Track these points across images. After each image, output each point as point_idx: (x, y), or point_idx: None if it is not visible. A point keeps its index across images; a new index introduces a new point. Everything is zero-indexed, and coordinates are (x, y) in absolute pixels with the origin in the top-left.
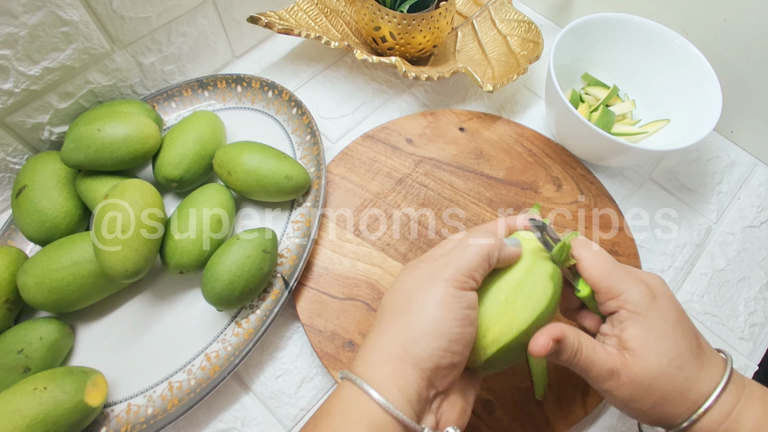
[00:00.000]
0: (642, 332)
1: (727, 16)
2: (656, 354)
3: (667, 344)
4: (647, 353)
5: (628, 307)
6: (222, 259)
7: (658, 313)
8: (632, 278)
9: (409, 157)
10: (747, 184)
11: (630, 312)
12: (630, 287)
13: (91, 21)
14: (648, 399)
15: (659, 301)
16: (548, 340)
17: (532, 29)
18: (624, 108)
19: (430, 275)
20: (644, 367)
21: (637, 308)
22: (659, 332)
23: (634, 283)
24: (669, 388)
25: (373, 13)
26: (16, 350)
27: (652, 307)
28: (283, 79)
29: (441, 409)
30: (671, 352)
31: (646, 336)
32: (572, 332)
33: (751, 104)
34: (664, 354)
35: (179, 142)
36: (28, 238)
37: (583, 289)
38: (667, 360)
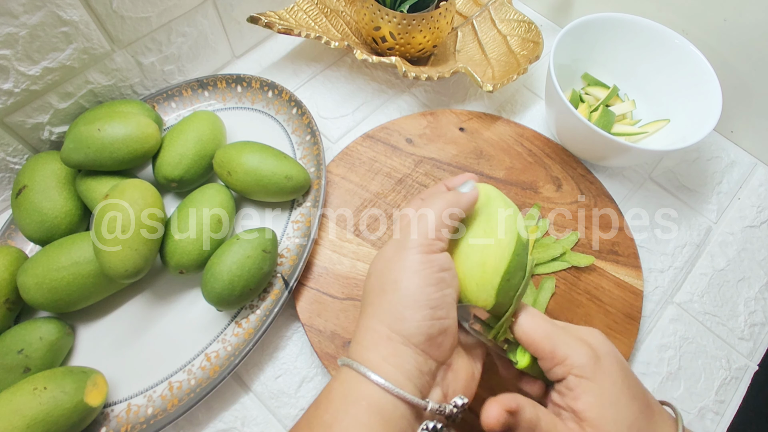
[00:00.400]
0: (595, 399)
1: (727, 16)
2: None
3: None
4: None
5: (576, 372)
6: (222, 259)
7: (606, 376)
8: (574, 340)
9: (409, 157)
10: (747, 184)
11: (578, 377)
12: (574, 350)
13: (91, 21)
14: None
15: (604, 361)
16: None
17: (532, 29)
18: (624, 108)
19: (397, 249)
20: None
21: (585, 372)
22: (611, 397)
23: (578, 345)
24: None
25: (373, 13)
26: (16, 350)
27: (598, 371)
28: (283, 79)
29: (446, 380)
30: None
31: (601, 403)
32: (529, 406)
33: (751, 104)
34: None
35: (179, 142)
36: (28, 238)
37: (521, 359)
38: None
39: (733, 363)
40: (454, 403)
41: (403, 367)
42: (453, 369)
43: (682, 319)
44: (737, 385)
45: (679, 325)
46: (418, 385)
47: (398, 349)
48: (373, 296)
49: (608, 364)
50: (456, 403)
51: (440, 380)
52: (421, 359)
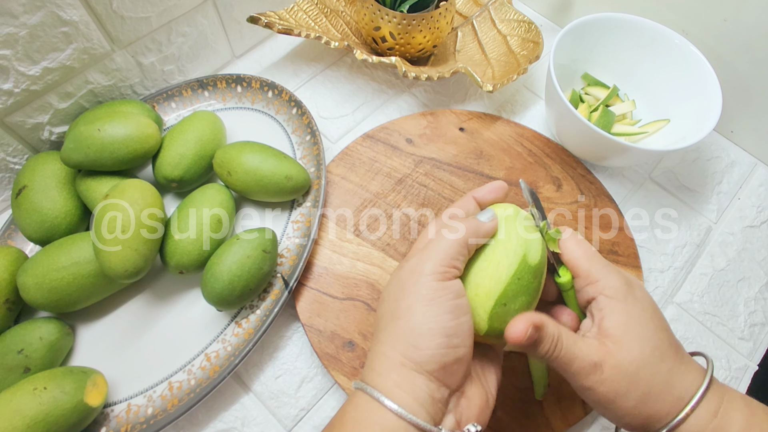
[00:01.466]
0: (622, 318)
1: (727, 16)
2: (639, 341)
3: (648, 332)
4: (630, 340)
5: (607, 293)
6: (222, 259)
7: (636, 301)
8: (611, 267)
9: (409, 157)
10: (747, 184)
11: (608, 298)
12: (608, 274)
13: (91, 21)
14: (633, 393)
15: (636, 291)
16: (527, 325)
17: (532, 29)
18: (624, 108)
19: (411, 273)
20: (628, 353)
21: (616, 294)
22: (639, 319)
23: (613, 271)
24: (654, 380)
25: (373, 13)
26: (16, 350)
27: (630, 295)
28: (283, 79)
29: (460, 407)
30: (653, 340)
31: (627, 322)
32: (552, 323)
33: (751, 104)
34: (646, 341)
35: (179, 142)
36: (28, 238)
37: (564, 275)
38: (650, 348)
39: (733, 363)
40: (467, 430)
41: (415, 393)
42: (466, 396)
43: (682, 319)
44: (737, 385)
45: (679, 325)
46: (431, 412)
47: (411, 375)
48: (385, 321)
49: (640, 294)
50: (469, 430)
51: (453, 407)
52: (433, 386)
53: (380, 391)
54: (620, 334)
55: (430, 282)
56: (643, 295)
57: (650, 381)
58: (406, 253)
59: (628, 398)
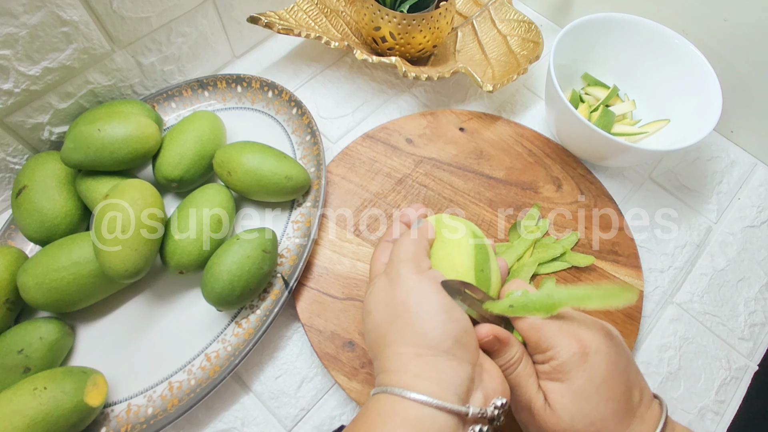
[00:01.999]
0: (562, 390)
1: (727, 16)
2: (571, 415)
3: (587, 406)
4: (562, 412)
5: (553, 365)
6: (222, 259)
7: (584, 373)
8: (564, 334)
9: (409, 157)
10: (747, 184)
11: (553, 368)
12: (560, 344)
13: (91, 21)
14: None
15: (590, 358)
16: (489, 332)
17: (532, 29)
18: (624, 108)
19: (390, 279)
20: (556, 423)
21: (562, 368)
22: (581, 393)
23: (566, 341)
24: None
25: (373, 13)
26: (16, 350)
27: (579, 367)
28: (283, 79)
29: (484, 382)
30: (590, 416)
31: (565, 395)
32: (519, 349)
33: (751, 104)
34: (579, 416)
35: (179, 142)
36: (28, 238)
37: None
38: (582, 423)
39: (733, 363)
40: (494, 405)
41: (439, 378)
42: (486, 369)
43: (682, 319)
44: (737, 385)
45: (679, 325)
46: (458, 393)
47: (430, 361)
48: (384, 327)
49: (594, 362)
50: (496, 404)
51: (479, 382)
52: (455, 364)
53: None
54: (554, 403)
55: (411, 276)
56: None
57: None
58: None
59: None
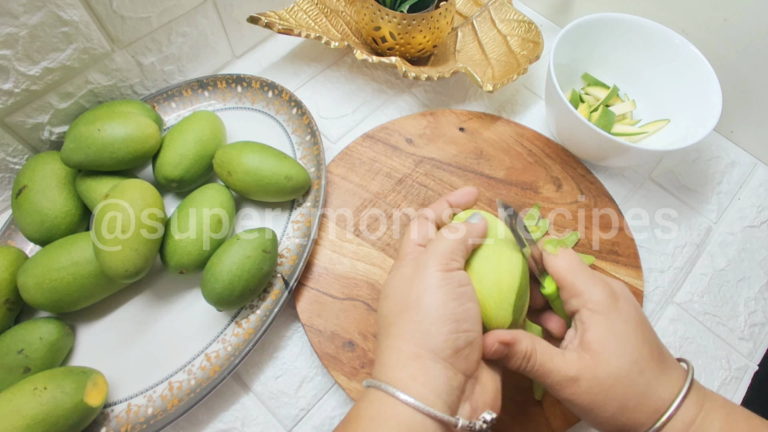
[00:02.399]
0: (603, 333)
1: (727, 16)
2: (617, 356)
3: (628, 346)
4: (608, 355)
5: (590, 306)
6: (222, 259)
7: (619, 314)
8: (596, 279)
9: (409, 157)
10: (747, 184)
11: (591, 311)
12: (593, 287)
13: (91, 21)
14: (609, 405)
15: (621, 303)
16: (493, 341)
17: (532, 29)
18: (624, 108)
19: (416, 269)
20: (605, 369)
21: (598, 308)
22: (620, 334)
23: (598, 284)
24: (630, 392)
25: (373, 13)
26: (16, 350)
27: (614, 309)
28: (283, 79)
29: (475, 394)
30: (632, 355)
31: (607, 336)
32: (526, 338)
33: (751, 104)
34: (625, 356)
35: (179, 142)
36: (28, 238)
37: (549, 286)
38: (628, 363)
39: (733, 363)
40: (483, 419)
41: (432, 384)
42: (480, 382)
43: (682, 319)
44: (737, 386)
45: (679, 325)
46: (447, 401)
47: (427, 365)
48: (393, 316)
49: (625, 307)
50: (485, 419)
51: (469, 394)
52: (450, 374)
53: (395, 386)
54: (599, 348)
55: (434, 273)
56: (628, 308)
57: (627, 393)
58: None
59: (604, 409)
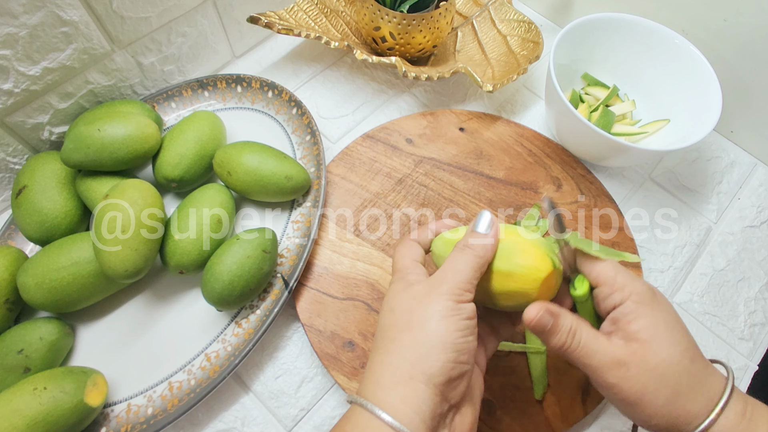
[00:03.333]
0: (651, 322)
1: (727, 16)
2: (668, 343)
3: (677, 335)
4: (659, 342)
5: (634, 298)
6: (222, 259)
7: (662, 306)
8: (634, 275)
9: (409, 157)
10: (747, 184)
11: (636, 303)
12: (634, 281)
13: (91, 21)
14: (663, 391)
15: (659, 296)
16: (540, 309)
17: (532, 29)
18: (624, 108)
19: (428, 291)
20: (656, 354)
21: (643, 299)
22: (668, 323)
23: (637, 279)
24: (684, 379)
25: (373, 13)
26: (16, 350)
27: (655, 300)
28: (283, 79)
29: (454, 423)
30: (683, 342)
31: (656, 325)
32: (570, 316)
33: (751, 104)
34: (676, 343)
35: (179, 142)
36: (28, 238)
37: (581, 286)
38: (680, 350)
39: (734, 363)
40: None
41: (419, 407)
42: (460, 412)
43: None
44: (738, 385)
45: None
46: (430, 426)
47: (418, 389)
48: (395, 331)
49: (663, 300)
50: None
51: (449, 422)
52: (437, 400)
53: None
54: (648, 336)
55: (446, 301)
56: (666, 302)
57: (680, 380)
58: None
59: (657, 396)
